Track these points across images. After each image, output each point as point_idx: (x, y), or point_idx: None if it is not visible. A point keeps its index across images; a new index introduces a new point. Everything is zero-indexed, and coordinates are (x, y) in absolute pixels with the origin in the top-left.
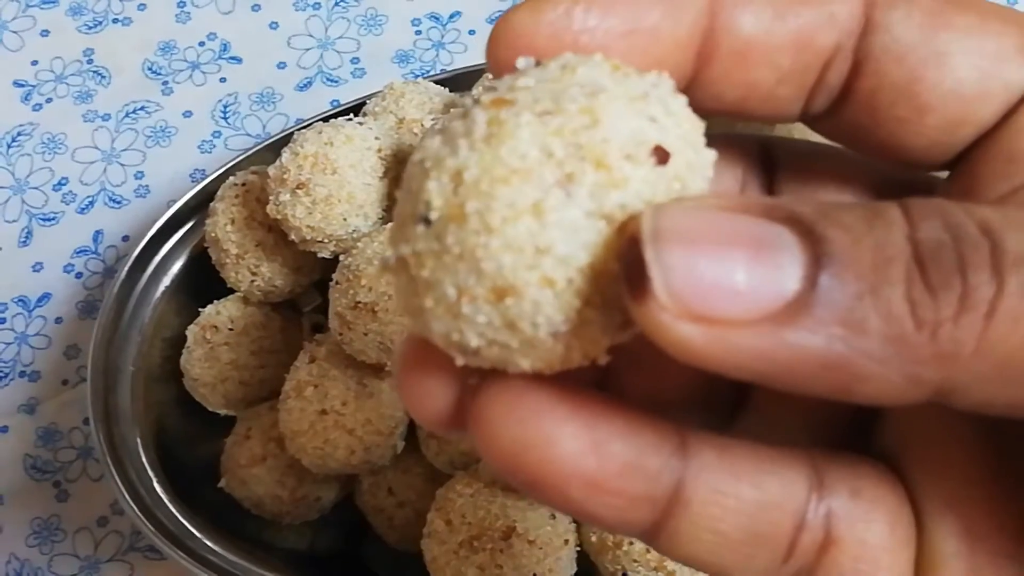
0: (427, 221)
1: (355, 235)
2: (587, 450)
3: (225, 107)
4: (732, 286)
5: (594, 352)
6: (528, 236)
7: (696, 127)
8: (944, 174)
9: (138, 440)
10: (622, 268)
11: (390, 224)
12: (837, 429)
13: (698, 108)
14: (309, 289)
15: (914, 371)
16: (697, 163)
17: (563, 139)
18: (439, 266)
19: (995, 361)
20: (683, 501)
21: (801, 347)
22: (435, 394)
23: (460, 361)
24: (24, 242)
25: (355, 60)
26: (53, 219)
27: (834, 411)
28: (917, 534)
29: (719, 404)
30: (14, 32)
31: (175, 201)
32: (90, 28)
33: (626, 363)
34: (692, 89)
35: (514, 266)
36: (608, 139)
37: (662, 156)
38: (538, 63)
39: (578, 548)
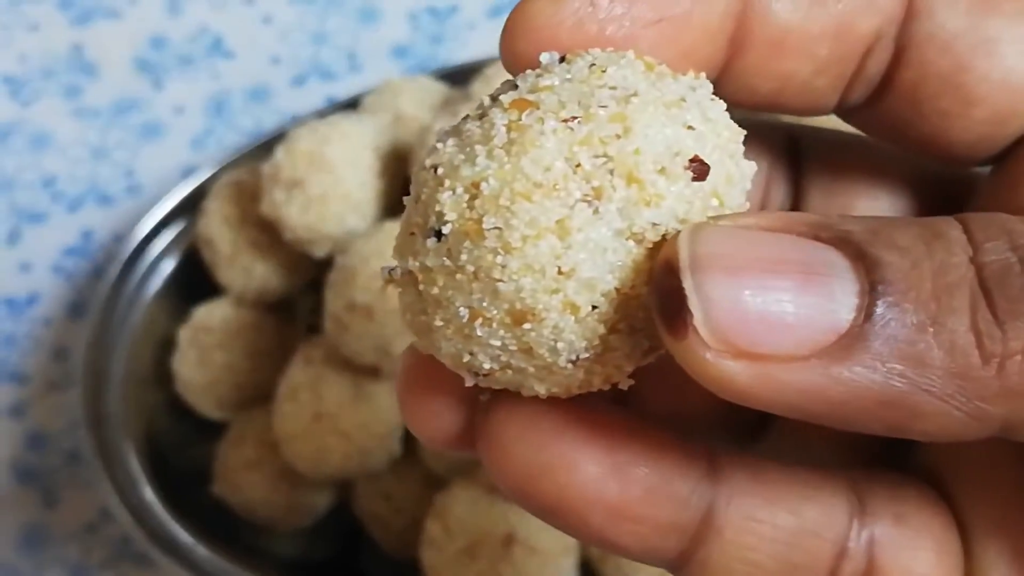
0: (439, 235)
1: (351, 234)
2: (608, 475)
3: (218, 103)
4: (780, 319)
5: (616, 378)
6: (550, 257)
7: (735, 135)
8: (986, 169)
9: (129, 445)
10: (656, 298)
11: (391, 226)
12: (872, 447)
13: (729, 101)
14: (304, 290)
15: (979, 408)
16: (736, 176)
17: (591, 149)
18: (451, 284)
19: None
20: (714, 529)
21: (857, 384)
22: (440, 414)
23: (470, 382)
24: (12, 242)
25: (351, 55)
26: (42, 218)
27: (855, 436)
28: (964, 560)
29: (743, 421)
30: (1, 26)
31: (167, 200)
32: (79, 22)
33: (647, 379)
34: (723, 81)
35: (534, 289)
36: (641, 150)
37: (700, 170)
38: (563, 59)
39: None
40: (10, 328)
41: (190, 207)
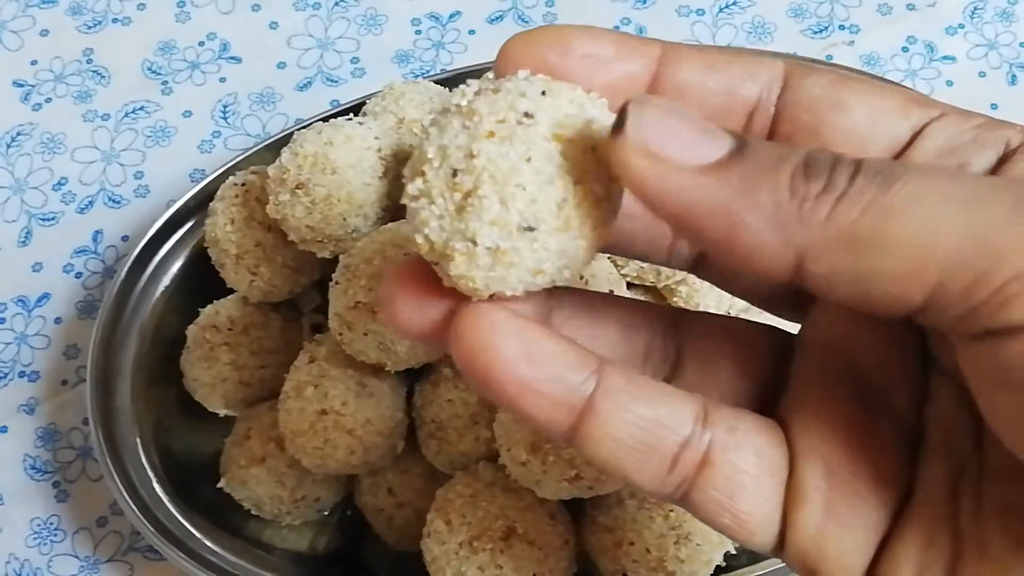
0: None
1: (355, 235)
2: (523, 359)
3: (225, 107)
4: (680, 140)
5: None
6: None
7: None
8: None
9: (138, 440)
10: (615, 120)
11: (394, 226)
12: (750, 400)
13: None
14: (309, 289)
15: (783, 230)
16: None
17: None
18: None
19: (837, 231)
20: (592, 410)
21: (711, 192)
22: (417, 310)
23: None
24: (24, 242)
25: (355, 60)
26: (53, 219)
27: (748, 383)
28: (790, 473)
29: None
30: (13, 32)
31: (175, 201)
32: (90, 28)
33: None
34: None
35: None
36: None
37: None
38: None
39: (578, 548)
40: (22, 326)
41: (198, 208)
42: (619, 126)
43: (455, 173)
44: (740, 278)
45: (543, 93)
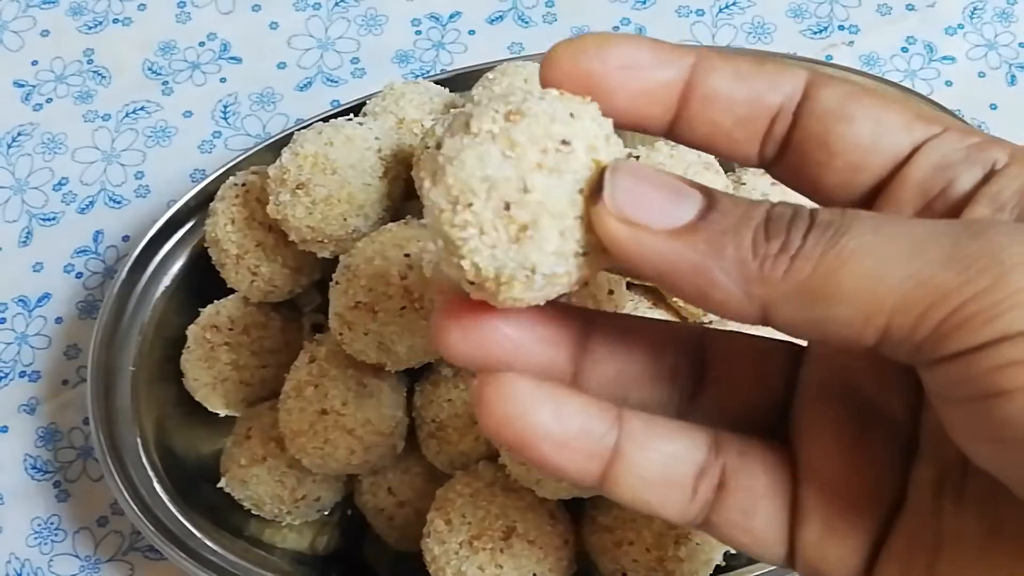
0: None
1: (355, 235)
2: (553, 420)
3: (225, 107)
4: (652, 207)
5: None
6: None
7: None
8: None
9: (138, 440)
10: (591, 185)
11: (394, 226)
12: (757, 425)
13: (680, 140)
14: (309, 289)
15: (747, 287)
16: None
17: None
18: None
19: (794, 285)
20: (619, 455)
21: (682, 254)
22: (461, 339)
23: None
24: (24, 242)
25: (355, 60)
26: (53, 219)
27: (768, 397)
28: (793, 491)
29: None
30: (14, 32)
31: (175, 201)
32: (90, 28)
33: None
34: (676, 122)
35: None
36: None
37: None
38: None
39: (577, 548)
40: (22, 326)
41: (198, 208)
42: (597, 191)
43: (508, 206)
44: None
45: (571, 115)
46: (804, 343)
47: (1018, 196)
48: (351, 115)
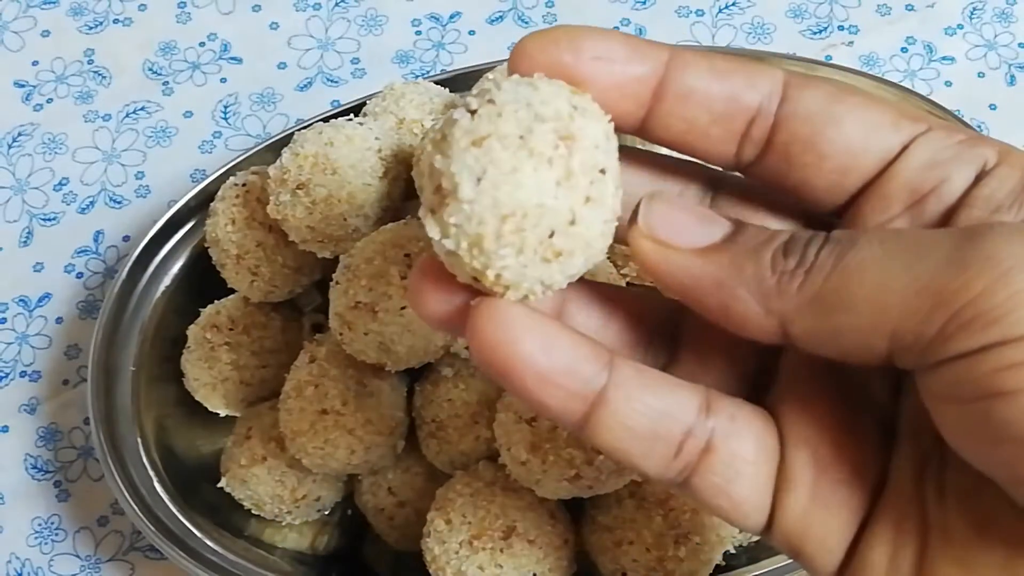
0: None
1: (355, 235)
2: (541, 352)
3: (225, 107)
4: (682, 228)
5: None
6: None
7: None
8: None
9: (138, 440)
10: (632, 213)
11: (394, 226)
12: (740, 389)
13: (652, 138)
14: (309, 289)
15: (765, 301)
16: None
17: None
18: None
19: (807, 298)
20: (605, 400)
21: (707, 271)
22: (440, 301)
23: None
24: (25, 242)
25: (355, 60)
26: (54, 219)
27: (740, 372)
28: (780, 460)
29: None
30: (15, 32)
31: (175, 201)
32: (91, 28)
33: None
34: (649, 118)
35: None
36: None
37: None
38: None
39: (577, 548)
40: (23, 326)
41: (198, 208)
42: (633, 219)
43: (552, 234)
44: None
45: (607, 137)
46: None
47: (1013, 196)
48: (351, 115)
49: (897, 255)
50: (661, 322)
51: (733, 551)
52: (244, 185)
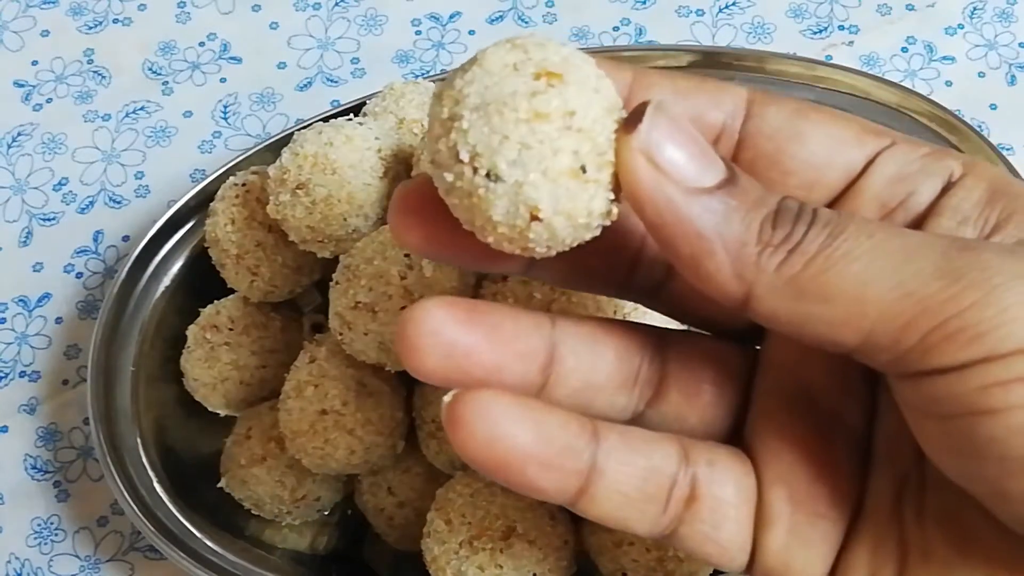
0: None
1: (355, 235)
2: (536, 440)
3: (225, 107)
4: (683, 159)
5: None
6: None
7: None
8: None
9: (138, 440)
10: (628, 116)
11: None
12: (714, 431)
13: None
14: (309, 289)
15: (739, 268)
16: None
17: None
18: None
19: (784, 279)
20: (598, 471)
21: (691, 213)
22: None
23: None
24: (24, 242)
25: (355, 60)
26: (53, 219)
27: (722, 409)
28: (758, 498)
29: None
30: (14, 32)
31: (175, 201)
32: (90, 28)
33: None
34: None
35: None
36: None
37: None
38: None
39: (577, 548)
40: (22, 326)
41: (198, 208)
42: (634, 122)
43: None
44: (694, 313)
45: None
46: (757, 348)
47: (979, 207)
48: (351, 115)
49: (884, 253)
50: (648, 354)
51: None
52: (244, 185)
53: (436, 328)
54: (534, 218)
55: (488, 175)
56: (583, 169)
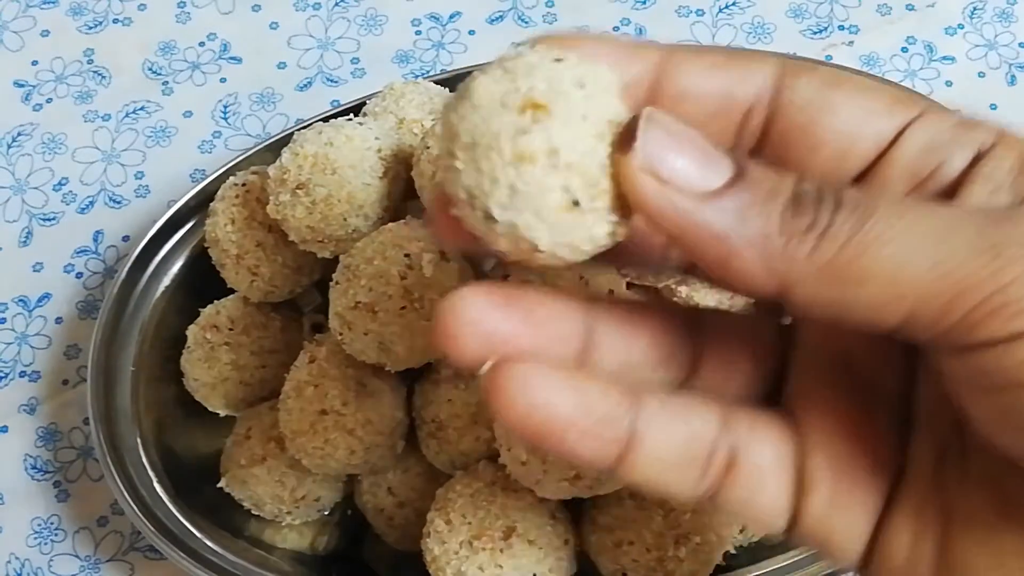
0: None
1: (355, 235)
2: (577, 408)
3: (225, 107)
4: (685, 165)
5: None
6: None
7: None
8: None
9: (138, 440)
10: (621, 133)
11: (394, 226)
12: (753, 402)
13: None
14: (309, 289)
15: (769, 262)
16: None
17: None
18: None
19: (817, 266)
20: (637, 438)
21: (706, 218)
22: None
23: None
24: (24, 242)
25: (355, 60)
26: (53, 219)
27: (757, 379)
28: (799, 463)
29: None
30: (14, 32)
31: (175, 201)
32: (90, 28)
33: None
34: None
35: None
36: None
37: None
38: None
39: (577, 548)
40: (22, 326)
41: (198, 208)
42: (628, 141)
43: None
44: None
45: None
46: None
47: (1012, 175)
48: (351, 115)
49: (919, 231)
50: (682, 333)
51: (733, 551)
52: (244, 185)
53: (475, 317)
54: (536, 251)
55: (486, 215)
56: (576, 203)
